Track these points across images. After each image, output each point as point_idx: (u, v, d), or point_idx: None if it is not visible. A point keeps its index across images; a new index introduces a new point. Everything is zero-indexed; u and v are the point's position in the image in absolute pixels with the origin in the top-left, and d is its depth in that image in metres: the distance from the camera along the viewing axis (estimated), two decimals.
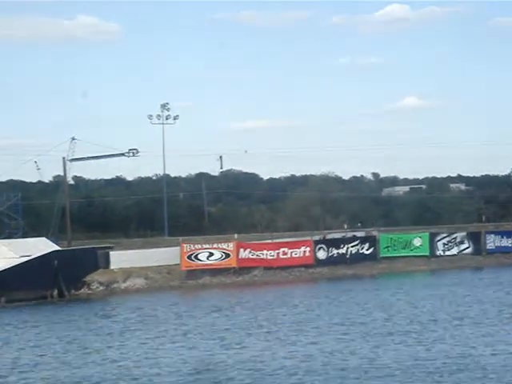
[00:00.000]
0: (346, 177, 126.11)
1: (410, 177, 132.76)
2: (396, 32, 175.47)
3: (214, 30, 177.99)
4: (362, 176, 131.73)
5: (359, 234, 67.09)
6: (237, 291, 52.26)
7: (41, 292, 50.13)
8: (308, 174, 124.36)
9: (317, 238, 64.50)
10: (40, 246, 53.53)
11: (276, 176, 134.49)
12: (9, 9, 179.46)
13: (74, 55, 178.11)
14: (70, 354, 30.26)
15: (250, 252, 59.01)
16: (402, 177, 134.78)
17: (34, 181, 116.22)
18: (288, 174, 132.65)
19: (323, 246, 61.73)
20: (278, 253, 59.73)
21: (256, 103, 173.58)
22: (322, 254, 61.15)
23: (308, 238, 63.37)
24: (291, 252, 60.07)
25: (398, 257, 63.20)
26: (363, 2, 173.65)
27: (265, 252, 59.45)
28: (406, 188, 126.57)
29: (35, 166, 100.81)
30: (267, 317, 38.37)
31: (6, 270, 49.89)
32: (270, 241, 63.20)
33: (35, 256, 51.10)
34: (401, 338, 31.18)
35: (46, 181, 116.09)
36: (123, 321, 39.27)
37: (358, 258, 62.17)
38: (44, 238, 58.17)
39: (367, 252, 62.67)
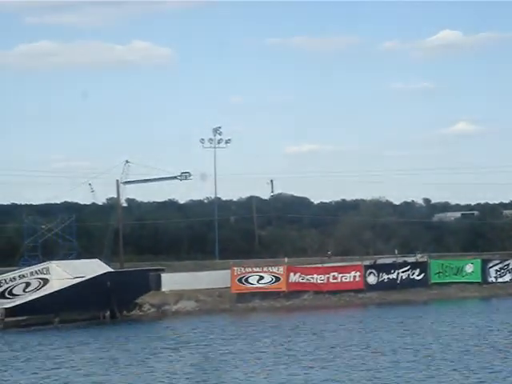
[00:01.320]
0: (396, 202, 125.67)
1: (462, 202, 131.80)
2: (448, 57, 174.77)
3: (267, 55, 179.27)
4: (412, 201, 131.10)
5: (410, 259, 66.82)
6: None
7: (93, 313, 50.87)
8: (359, 198, 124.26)
9: (367, 262, 64.43)
10: (93, 268, 54.31)
11: (327, 200, 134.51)
12: (64, 35, 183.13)
13: (126, 79, 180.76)
14: None
15: (300, 276, 59.17)
16: (453, 202, 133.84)
17: (88, 203, 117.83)
18: (339, 199, 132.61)
19: (373, 270, 61.63)
20: (328, 277, 59.79)
21: (307, 127, 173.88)
22: (372, 279, 61.05)
23: (358, 263, 63.35)
24: (341, 276, 60.09)
25: (450, 283, 62.78)
26: (415, 28, 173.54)
27: (315, 276, 59.57)
28: (458, 214, 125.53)
29: (89, 188, 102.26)
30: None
31: (60, 290, 50.74)
32: (319, 265, 63.29)
33: (89, 277, 51.88)
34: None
35: (100, 203, 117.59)
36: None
37: (409, 283, 61.90)
38: (97, 260, 59.03)
39: (418, 278, 62.39)
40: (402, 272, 62.12)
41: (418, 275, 62.40)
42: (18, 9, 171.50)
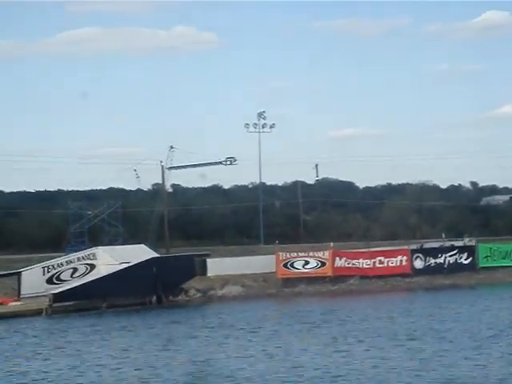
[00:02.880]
0: (443, 185, 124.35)
1: (510, 186, 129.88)
2: (494, 39, 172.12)
3: (311, 39, 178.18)
4: (460, 185, 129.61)
5: (457, 243, 66.08)
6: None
7: (140, 298, 51.07)
8: (405, 182, 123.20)
9: (414, 246, 63.85)
10: (139, 253, 54.53)
11: (372, 184, 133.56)
12: (105, 21, 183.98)
13: (170, 65, 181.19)
14: None
15: (346, 261, 58.82)
16: (501, 186, 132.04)
17: (134, 189, 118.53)
18: (384, 183, 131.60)
19: (420, 255, 61.06)
20: (374, 261, 59.35)
21: (353, 111, 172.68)
22: (419, 264, 60.49)
23: (405, 247, 62.81)
24: (387, 261, 59.63)
25: (498, 267, 61.95)
26: (460, 9, 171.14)
27: (361, 261, 59.17)
28: (506, 197, 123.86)
29: (135, 174, 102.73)
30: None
31: (107, 276, 51.05)
32: (365, 249, 62.86)
33: (135, 263, 52.10)
34: None
35: (145, 189, 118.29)
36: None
37: (456, 267, 61.22)
38: (143, 245, 59.28)
39: (465, 262, 61.69)
40: (450, 256, 61.47)
41: (465, 259, 61.72)
42: None
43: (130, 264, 51.92)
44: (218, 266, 57.27)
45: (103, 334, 38.75)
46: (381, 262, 59.34)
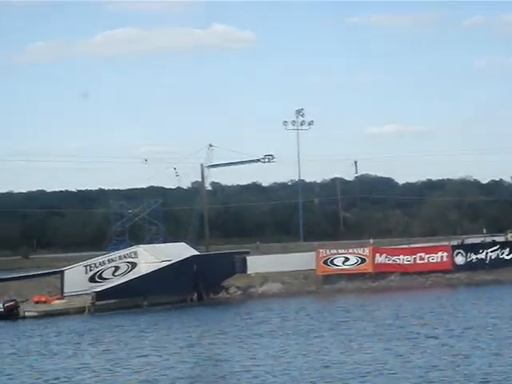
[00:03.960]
0: (484, 181, 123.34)
1: None
2: None
3: (348, 35, 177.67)
4: (501, 180, 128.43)
5: (499, 238, 65.46)
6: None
7: (181, 295, 51.33)
8: (445, 178, 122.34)
9: (454, 242, 63.40)
10: (180, 251, 54.83)
11: (412, 180, 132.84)
12: (143, 20, 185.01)
13: (207, 64, 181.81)
14: None
15: (386, 257, 58.59)
16: None
17: (174, 187, 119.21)
18: (424, 179, 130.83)
19: (461, 250, 60.58)
20: (415, 258, 59.02)
21: (391, 107, 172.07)
22: (460, 259, 60.04)
23: (445, 243, 62.39)
24: (428, 257, 59.26)
25: None
26: (496, 3, 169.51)
27: (401, 257, 58.89)
28: None
29: (175, 172, 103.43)
30: None
31: (148, 274, 51.42)
32: (406, 246, 62.56)
33: (175, 261, 52.41)
34: None
35: (185, 187, 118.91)
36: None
37: (498, 263, 60.64)
38: (184, 243, 59.63)
39: (508, 257, 61.09)
40: (491, 252, 60.89)
41: (507, 255, 61.10)
42: None
43: (171, 262, 52.23)
44: (258, 263, 57.36)
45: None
46: (421, 259, 59.01)
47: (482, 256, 60.61)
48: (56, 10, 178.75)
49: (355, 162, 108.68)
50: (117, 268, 53.31)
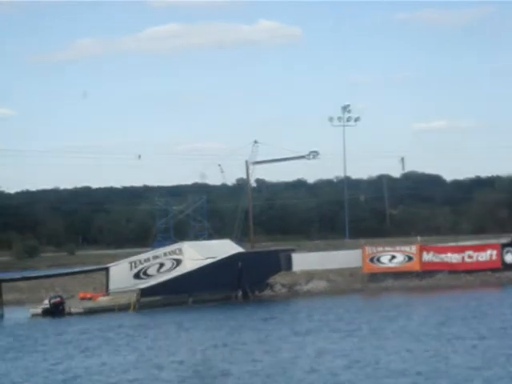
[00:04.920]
0: None
1: None
2: None
3: (395, 31, 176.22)
4: None
5: None
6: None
7: (226, 293, 51.06)
8: (494, 175, 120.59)
9: (504, 240, 62.22)
10: (225, 248, 54.54)
11: (460, 177, 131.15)
12: (189, 15, 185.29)
13: (254, 60, 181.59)
14: None
15: (434, 255, 57.68)
16: None
17: (218, 184, 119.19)
18: (473, 176, 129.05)
19: (511, 249, 59.40)
20: (463, 256, 58.03)
21: (439, 103, 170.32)
22: (509, 258, 58.84)
23: (494, 241, 61.27)
24: (477, 255, 58.22)
25: None
26: None
27: (449, 255, 57.94)
28: None
29: (219, 169, 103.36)
30: None
31: (192, 271, 51.20)
32: (454, 243, 61.56)
33: (220, 258, 52.11)
34: None
35: (230, 184, 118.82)
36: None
37: None
38: (228, 240, 59.37)
39: None
40: None
41: None
42: None
43: (216, 259, 51.96)
44: (303, 260, 56.86)
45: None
46: (470, 257, 57.98)
47: None
48: (102, 6, 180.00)
49: (402, 159, 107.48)
50: (161, 265, 53.17)
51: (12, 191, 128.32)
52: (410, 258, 56.99)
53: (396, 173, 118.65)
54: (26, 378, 27.64)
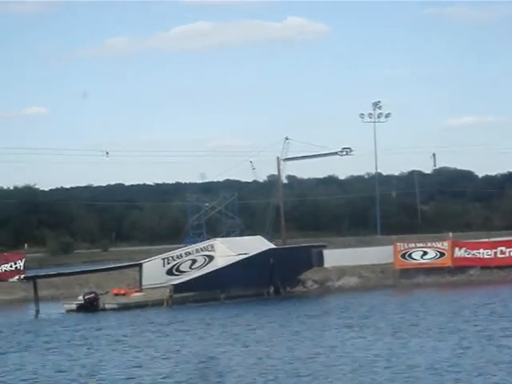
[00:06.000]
0: None
1: None
2: None
3: (424, 26, 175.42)
4: None
5: None
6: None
7: (257, 289, 51.35)
8: None
9: None
10: (256, 245, 54.81)
11: (492, 173, 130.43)
12: (218, 14, 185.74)
13: (283, 57, 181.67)
14: None
15: (466, 251, 57.59)
16: None
17: (250, 180, 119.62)
18: (505, 171, 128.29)
19: None
20: (496, 252, 57.84)
21: (470, 99, 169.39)
22: None
23: None
24: (509, 251, 57.99)
25: None
26: None
27: (481, 251, 57.79)
28: None
29: (251, 166, 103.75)
30: None
31: (224, 267, 51.57)
32: (486, 239, 61.37)
33: (252, 254, 52.42)
34: None
35: (261, 180, 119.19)
36: None
37: None
38: (260, 237, 59.63)
39: None
40: None
41: None
42: None
43: (248, 255, 52.27)
44: (335, 256, 57.00)
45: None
46: (502, 253, 57.78)
47: None
48: (132, 4, 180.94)
49: (433, 155, 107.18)
50: (194, 261, 53.60)
51: (46, 188, 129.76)
52: (441, 254, 56.95)
53: (427, 169, 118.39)
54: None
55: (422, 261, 56.90)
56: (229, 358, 29.01)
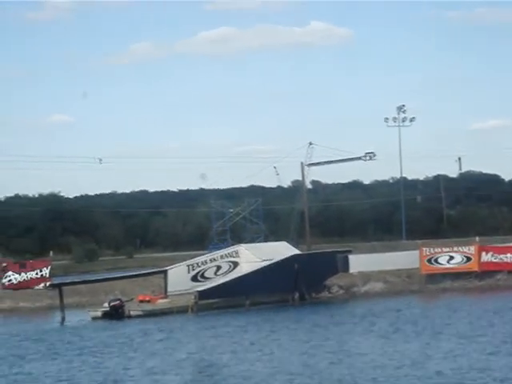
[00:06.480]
0: None
1: None
2: None
3: (448, 29, 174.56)
4: None
5: None
6: None
7: (282, 295, 51.12)
8: None
9: None
10: (281, 250, 54.61)
11: None
12: (241, 19, 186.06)
13: (307, 62, 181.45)
14: None
15: (493, 255, 57.03)
16: None
17: (274, 186, 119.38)
18: None
19: None
20: None
21: (495, 102, 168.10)
22: None
23: None
24: None
25: None
26: None
27: (508, 255, 57.20)
28: None
29: (275, 171, 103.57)
30: None
31: (249, 273, 51.38)
32: None
33: (277, 260, 52.22)
34: None
35: (285, 186, 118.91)
36: None
37: None
38: (285, 242, 59.39)
39: None
40: None
41: None
42: None
43: (272, 261, 52.07)
44: (360, 262, 56.69)
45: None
46: None
47: None
48: (156, 10, 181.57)
49: (459, 159, 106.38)
50: (219, 267, 53.48)
51: (71, 196, 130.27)
52: (468, 259, 56.46)
53: (453, 173, 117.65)
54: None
55: (449, 266, 56.44)
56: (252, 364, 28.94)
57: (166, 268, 53.13)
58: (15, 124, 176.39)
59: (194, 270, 52.89)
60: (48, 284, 54.15)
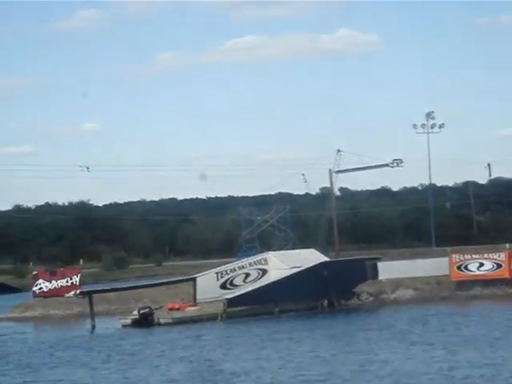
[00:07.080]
0: None
1: None
2: None
3: (477, 36, 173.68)
4: None
5: None
6: None
7: (311, 302, 51.00)
8: None
9: None
10: (310, 258, 54.52)
11: None
12: (269, 27, 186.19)
13: (334, 69, 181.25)
14: None
15: None
16: None
17: (302, 193, 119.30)
18: None
19: None
20: None
21: None
22: None
23: None
24: None
25: None
26: None
27: None
28: None
29: (303, 178, 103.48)
30: None
31: (278, 280, 51.34)
32: None
33: (306, 267, 52.12)
34: None
35: (313, 193, 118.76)
36: None
37: None
38: (313, 250, 59.26)
39: None
40: None
41: None
42: (224, 4, 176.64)
43: (301, 269, 51.99)
44: (389, 269, 56.44)
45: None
46: None
47: None
48: (182, 20, 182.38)
49: (488, 165, 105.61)
50: (247, 275, 53.49)
51: (100, 204, 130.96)
52: (498, 266, 56.02)
53: (482, 179, 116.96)
54: None
55: (479, 272, 56.03)
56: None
57: (195, 276, 53.20)
58: (44, 133, 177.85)
59: (222, 277, 52.91)
60: (78, 292, 54.50)
